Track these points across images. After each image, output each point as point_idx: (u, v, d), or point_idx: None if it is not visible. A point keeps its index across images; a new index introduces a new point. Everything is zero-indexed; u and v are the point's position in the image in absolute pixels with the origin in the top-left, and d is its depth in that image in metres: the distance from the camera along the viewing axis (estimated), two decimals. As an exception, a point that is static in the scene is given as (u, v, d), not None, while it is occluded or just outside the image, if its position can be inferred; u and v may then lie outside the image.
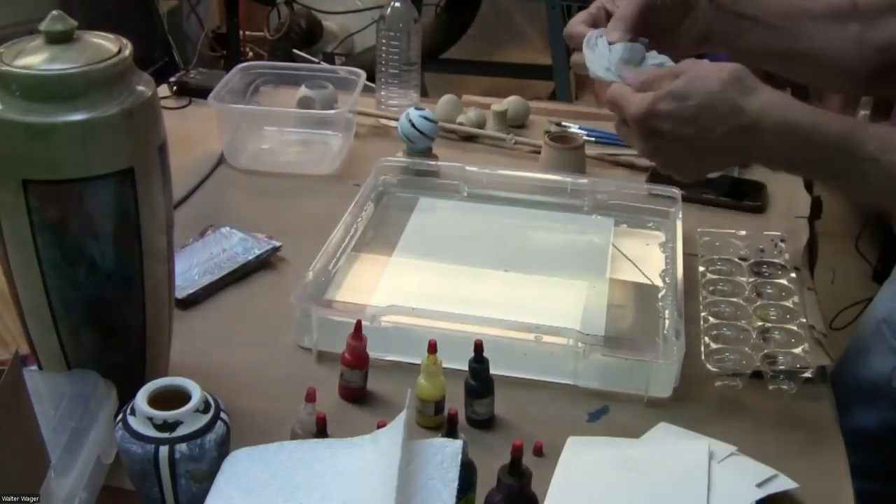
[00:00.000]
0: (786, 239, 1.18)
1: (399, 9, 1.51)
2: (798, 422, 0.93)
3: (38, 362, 0.84)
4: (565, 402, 0.94)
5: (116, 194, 0.77)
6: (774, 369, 0.95)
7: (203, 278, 1.08)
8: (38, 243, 0.76)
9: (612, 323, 1.04)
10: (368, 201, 1.23)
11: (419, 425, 0.88)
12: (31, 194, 0.74)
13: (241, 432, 0.80)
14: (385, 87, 1.55)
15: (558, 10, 2.66)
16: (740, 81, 0.83)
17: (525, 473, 0.73)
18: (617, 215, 1.24)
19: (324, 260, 1.06)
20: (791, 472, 0.81)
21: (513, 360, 0.95)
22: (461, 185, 1.29)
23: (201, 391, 0.76)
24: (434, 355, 0.87)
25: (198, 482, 0.74)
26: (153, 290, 0.83)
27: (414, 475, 0.71)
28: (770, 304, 1.05)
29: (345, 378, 0.92)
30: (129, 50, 0.77)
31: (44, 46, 0.76)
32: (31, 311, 0.80)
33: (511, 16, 3.31)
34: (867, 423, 1.13)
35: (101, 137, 0.74)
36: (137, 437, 0.73)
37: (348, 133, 1.44)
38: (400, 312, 0.96)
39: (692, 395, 0.95)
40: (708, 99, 0.83)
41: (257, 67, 1.51)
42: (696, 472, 0.80)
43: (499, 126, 1.49)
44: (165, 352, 0.89)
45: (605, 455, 0.83)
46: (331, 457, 0.74)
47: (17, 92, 0.73)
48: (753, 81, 0.84)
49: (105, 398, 0.78)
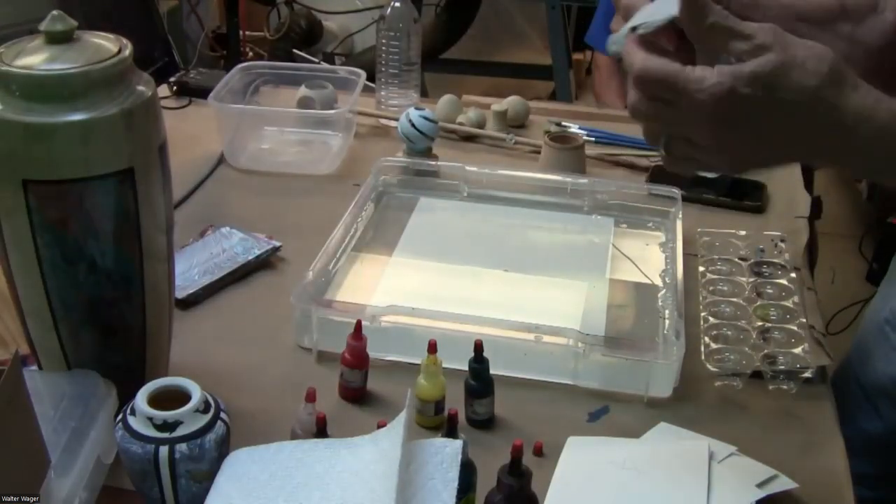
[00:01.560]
0: (786, 239, 1.18)
1: (399, 9, 1.51)
2: (798, 422, 0.93)
3: (38, 362, 0.84)
4: (565, 402, 0.94)
5: (116, 194, 0.77)
6: (774, 369, 0.95)
7: (203, 278, 1.08)
8: (38, 243, 0.76)
9: (612, 323, 1.04)
10: (368, 201, 1.23)
11: (419, 425, 0.88)
12: (31, 194, 0.74)
13: (241, 432, 0.80)
14: (385, 87, 1.55)
15: (558, 10, 2.66)
16: (840, 77, 0.72)
17: (525, 473, 0.73)
18: (617, 215, 1.24)
19: (324, 260, 1.06)
20: (791, 472, 0.81)
21: (513, 360, 0.95)
22: (461, 185, 1.29)
23: (201, 391, 0.76)
24: (434, 355, 0.87)
25: (198, 482, 0.74)
26: (153, 290, 0.83)
27: (414, 475, 0.71)
28: (770, 304, 1.06)
29: (345, 378, 0.92)
30: (129, 50, 0.77)
31: (44, 46, 0.76)
32: (31, 311, 0.80)
33: (511, 16, 3.31)
34: (871, 429, 1.13)
35: (101, 137, 0.74)
36: (137, 437, 0.73)
37: (348, 133, 1.44)
38: (400, 312, 0.96)
39: (692, 395, 0.95)
40: (802, 95, 0.71)
41: (257, 67, 1.51)
42: (696, 472, 0.80)
43: (499, 126, 1.49)
44: (165, 352, 0.89)
45: (605, 455, 0.83)
46: (331, 457, 0.74)
47: (17, 92, 0.73)
48: (853, 77, 0.73)
49: (105, 398, 0.78)
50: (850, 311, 2.36)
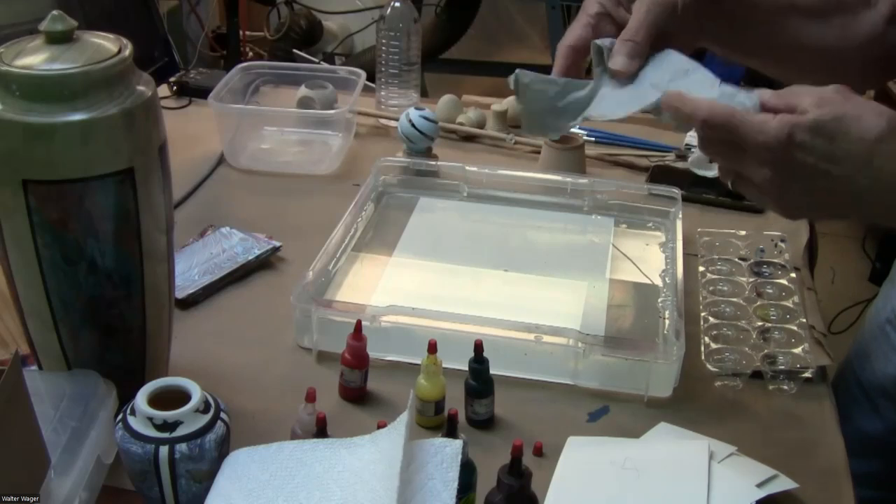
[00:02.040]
0: (786, 239, 1.18)
1: (399, 9, 1.51)
2: (798, 422, 0.93)
3: (38, 362, 0.84)
4: (565, 402, 0.94)
5: (116, 194, 0.77)
6: (774, 369, 0.95)
7: (203, 278, 1.08)
8: (38, 243, 0.76)
9: (612, 323, 1.04)
10: (368, 201, 1.23)
11: (419, 425, 0.88)
12: (31, 194, 0.74)
13: (241, 432, 0.80)
14: (385, 87, 1.55)
15: (558, 10, 2.66)
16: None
17: (525, 473, 0.73)
18: (617, 215, 1.24)
19: (324, 260, 1.06)
20: (791, 472, 0.81)
21: (513, 360, 0.95)
22: (461, 185, 1.29)
23: (201, 391, 0.76)
24: (434, 355, 0.87)
25: (198, 482, 0.74)
26: (153, 290, 0.83)
27: (414, 475, 0.71)
28: (770, 304, 1.06)
29: (345, 378, 0.92)
30: (129, 50, 0.77)
31: (44, 46, 0.76)
32: (31, 311, 0.80)
33: (511, 16, 3.31)
34: (871, 429, 1.12)
35: (101, 137, 0.74)
36: (137, 437, 0.73)
37: (348, 133, 1.44)
38: (400, 312, 0.96)
39: (692, 395, 0.95)
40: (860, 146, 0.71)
41: (257, 67, 1.51)
42: (696, 472, 0.80)
43: (499, 126, 1.49)
44: (165, 352, 0.89)
45: (605, 455, 0.83)
46: (331, 457, 0.74)
47: (17, 92, 0.73)
48: None
49: (105, 398, 0.78)
50: (851, 312, 2.36)
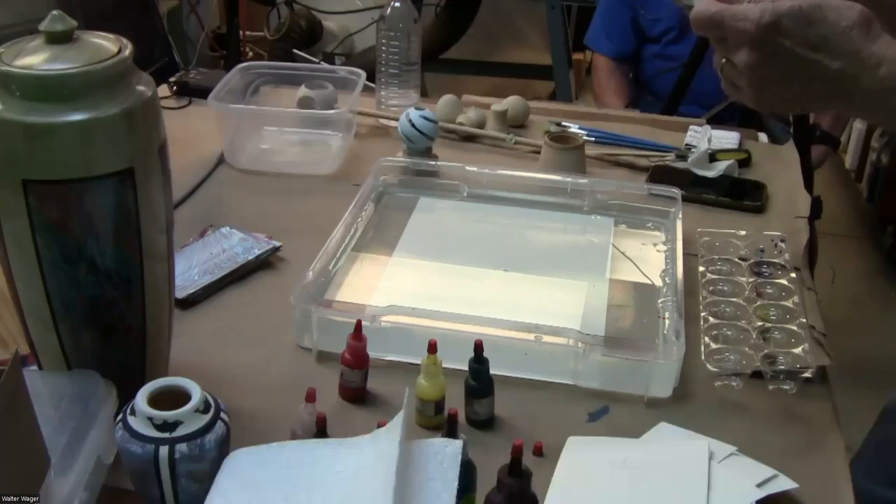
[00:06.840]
0: (786, 239, 1.18)
1: (399, 9, 1.51)
2: (798, 422, 0.93)
3: (38, 362, 0.84)
4: (565, 402, 0.94)
5: (116, 194, 0.77)
6: (774, 369, 0.95)
7: (203, 278, 1.08)
8: (38, 243, 0.76)
9: (612, 323, 1.04)
10: (368, 201, 1.23)
11: (419, 425, 0.88)
12: (31, 194, 0.74)
13: (241, 432, 0.80)
14: (385, 87, 1.55)
15: (558, 10, 2.66)
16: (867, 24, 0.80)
17: (525, 473, 0.73)
18: (617, 215, 1.25)
19: (324, 260, 1.06)
20: (791, 472, 0.81)
21: (513, 360, 0.95)
22: (461, 185, 1.29)
23: (201, 391, 0.76)
24: (434, 355, 0.87)
25: (198, 482, 0.74)
26: (153, 290, 0.83)
27: (414, 475, 0.71)
28: (770, 304, 1.06)
29: (345, 378, 0.92)
30: (129, 50, 0.77)
31: (44, 46, 0.76)
32: (31, 311, 0.80)
33: (511, 16, 3.31)
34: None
35: (101, 137, 0.74)
36: (137, 437, 0.73)
37: (348, 133, 1.44)
38: (400, 312, 0.96)
39: (692, 395, 0.95)
40: (833, 32, 0.80)
41: (257, 67, 1.51)
42: (696, 472, 0.80)
43: (499, 126, 1.49)
44: (165, 352, 0.89)
45: (605, 455, 0.83)
46: (331, 457, 0.74)
47: (17, 92, 0.73)
48: (878, 28, 0.81)
49: (105, 398, 0.78)
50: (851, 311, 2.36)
